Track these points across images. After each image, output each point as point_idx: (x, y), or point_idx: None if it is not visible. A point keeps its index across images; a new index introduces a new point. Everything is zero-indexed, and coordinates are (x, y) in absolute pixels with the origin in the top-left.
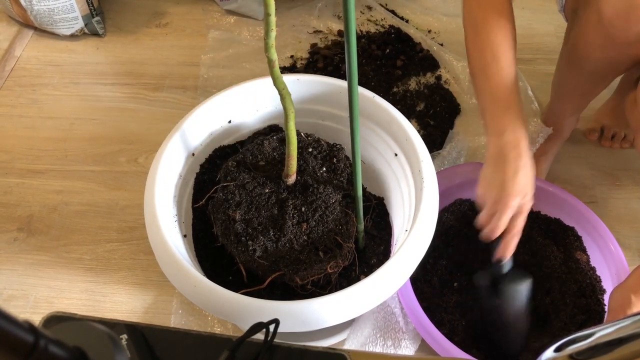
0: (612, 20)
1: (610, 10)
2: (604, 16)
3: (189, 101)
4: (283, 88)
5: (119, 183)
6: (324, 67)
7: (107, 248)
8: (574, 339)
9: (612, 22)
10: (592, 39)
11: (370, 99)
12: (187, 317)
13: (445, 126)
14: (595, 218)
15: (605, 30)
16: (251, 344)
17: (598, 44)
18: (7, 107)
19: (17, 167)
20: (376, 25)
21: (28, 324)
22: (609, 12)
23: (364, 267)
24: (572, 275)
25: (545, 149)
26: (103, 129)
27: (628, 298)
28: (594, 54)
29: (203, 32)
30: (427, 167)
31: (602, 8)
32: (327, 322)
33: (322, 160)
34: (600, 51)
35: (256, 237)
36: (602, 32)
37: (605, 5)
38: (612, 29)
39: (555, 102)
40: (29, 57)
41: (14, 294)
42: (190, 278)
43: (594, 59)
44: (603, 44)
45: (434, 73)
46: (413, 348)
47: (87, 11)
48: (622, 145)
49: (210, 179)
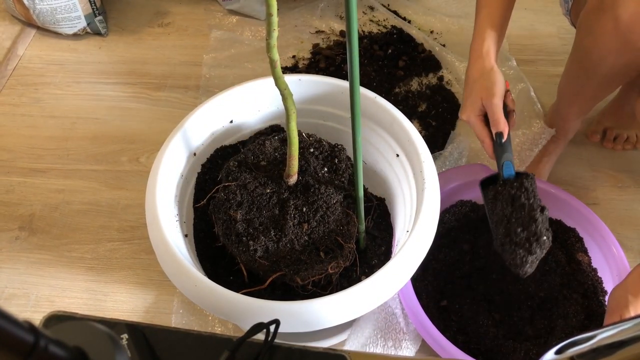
0: (630, 26)
1: (628, 16)
2: (621, 22)
3: (190, 101)
4: (285, 88)
5: (121, 182)
6: (326, 68)
7: (109, 247)
8: (575, 341)
9: (630, 28)
10: (608, 45)
11: (372, 100)
12: (188, 317)
13: (447, 127)
14: (597, 219)
15: (622, 36)
16: (252, 344)
17: (614, 50)
18: (9, 106)
19: (19, 166)
20: (378, 25)
21: (28, 323)
22: (626, 18)
23: (365, 267)
24: (573, 277)
25: (549, 151)
26: (105, 128)
27: (625, 298)
28: (609, 60)
29: (205, 32)
30: (429, 167)
31: (618, 14)
32: (328, 322)
33: (323, 161)
34: (616, 56)
35: (257, 237)
36: (618, 38)
37: (622, 12)
38: (629, 34)
39: (562, 104)
40: (31, 56)
41: (15, 293)
42: (191, 278)
43: (609, 64)
44: (619, 49)
45: (436, 74)
46: (414, 349)
47: (89, 10)
48: (625, 147)
49: (211, 178)
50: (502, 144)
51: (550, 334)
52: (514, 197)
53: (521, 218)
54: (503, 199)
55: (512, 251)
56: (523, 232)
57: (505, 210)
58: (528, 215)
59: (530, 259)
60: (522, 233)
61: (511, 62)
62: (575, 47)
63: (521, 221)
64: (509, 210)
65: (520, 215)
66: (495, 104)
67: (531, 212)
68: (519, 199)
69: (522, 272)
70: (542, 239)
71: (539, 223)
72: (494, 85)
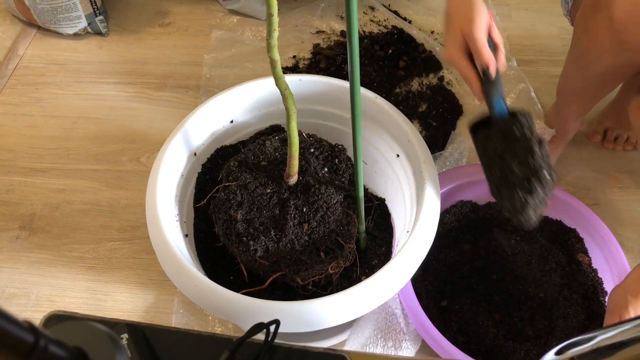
0: (624, 25)
1: (622, 15)
2: (615, 21)
3: (191, 101)
4: (285, 88)
5: (121, 182)
6: (327, 68)
7: (109, 247)
8: (575, 341)
9: (624, 27)
10: (603, 44)
11: (373, 100)
12: (188, 317)
13: (448, 127)
14: (597, 219)
15: (617, 35)
16: (252, 344)
17: (609, 49)
18: (10, 106)
19: (19, 165)
20: (379, 25)
21: (28, 323)
22: (620, 17)
23: (365, 267)
24: (574, 277)
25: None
26: (105, 128)
27: (625, 298)
28: (604, 59)
29: (206, 32)
30: (429, 168)
31: (613, 14)
32: (328, 322)
33: (323, 161)
34: (611, 56)
35: (257, 237)
36: (613, 37)
37: (616, 11)
38: (623, 34)
39: (561, 104)
40: (32, 56)
41: (16, 292)
42: (192, 278)
43: (604, 63)
44: (614, 48)
45: (436, 74)
46: (414, 349)
47: (90, 10)
48: (625, 148)
49: (212, 178)
50: (491, 80)
51: (551, 335)
52: (507, 133)
53: (517, 152)
54: (496, 138)
55: (509, 195)
56: (520, 167)
57: (498, 149)
58: (524, 148)
59: (532, 201)
60: (518, 169)
61: (512, 63)
62: (572, 46)
63: (517, 155)
64: (501, 148)
65: (514, 149)
66: (477, 34)
67: (527, 143)
68: (513, 133)
69: (525, 221)
70: (542, 172)
71: (536, 156)
72: (474, 13)
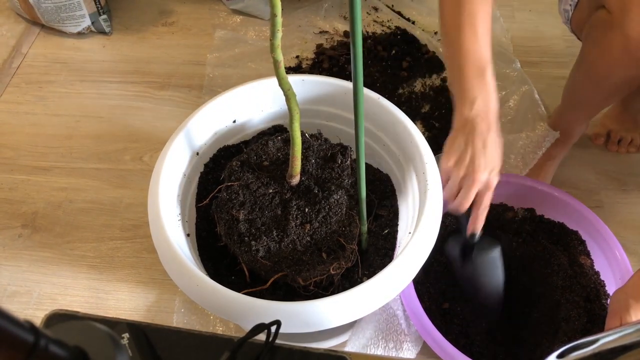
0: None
1: (637, 34)
2: (631, 40)
3: (194, 100)
4: (288, 89)
5: (124, 181)
6: (330, 68)
7: (111, 246)
8: (577, 345)
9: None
10: (616, 61)
11: (375, 101)
12: (190, 316)
13: (450, 128)
14: (599, 222)
15: (631, 54)
16: (253, 345)
17: (622, 65)
18: (13, 104)
19: (22, 163)
20: (382, 26)
21: (29, 323)
22: (635, 36)
23: (366, 269)
24: (576, 280)
25: (552, 154)
26: (108, 127)
27: (627, 301)
28: (616, 73)
29: (209, 32)
30: (432, 169)
31: (628, 33)
32: (329, 323)
33: (326, 162)
34: (623, 71)
35: (259, 237)
36: (628, 55)
37: (631, 31)
38: (638, 53)
39: (566, 109)
40: (35, 55)
41: (18, 290)
42: (193, 277)
43: (616, 77)
44: (628, 64)
45: (439, 75)
46: (415, 351)
47: (94, 9)
48: (629, 150)
49: (214, 178)
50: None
51: (553, 338)
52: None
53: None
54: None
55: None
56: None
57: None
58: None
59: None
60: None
61: (515, 64)
62: (581, 58)
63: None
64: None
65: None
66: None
67: None
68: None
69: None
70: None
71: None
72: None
